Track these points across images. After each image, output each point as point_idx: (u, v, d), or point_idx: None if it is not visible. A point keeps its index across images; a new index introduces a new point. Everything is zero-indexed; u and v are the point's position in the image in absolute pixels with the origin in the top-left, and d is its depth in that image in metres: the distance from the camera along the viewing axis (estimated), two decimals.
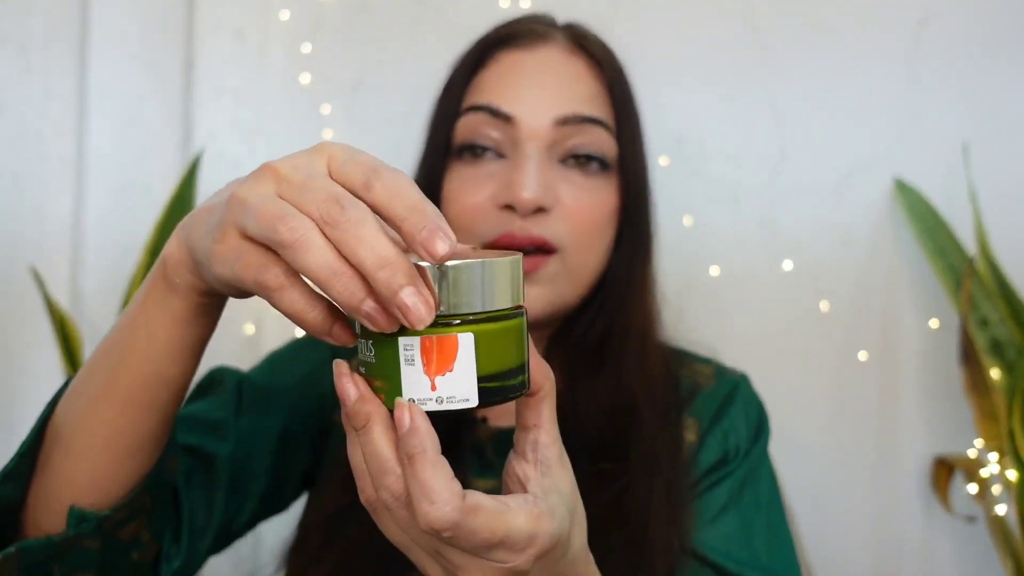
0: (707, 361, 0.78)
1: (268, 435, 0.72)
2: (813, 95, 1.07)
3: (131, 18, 1.11)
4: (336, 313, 0.41)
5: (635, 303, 0.73)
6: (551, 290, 0.68)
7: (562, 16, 0.76)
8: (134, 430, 0.51)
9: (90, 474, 0.52)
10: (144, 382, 0.50)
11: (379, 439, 0.41)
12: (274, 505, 0.75)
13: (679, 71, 1.08)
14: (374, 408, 0.41)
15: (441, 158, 0.72)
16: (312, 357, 0.79)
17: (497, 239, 0.67)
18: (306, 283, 0.40)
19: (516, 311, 0.43)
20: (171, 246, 0.46)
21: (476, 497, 0.41)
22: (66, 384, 0.55)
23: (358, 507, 0.67)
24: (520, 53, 0.71)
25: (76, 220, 1.11)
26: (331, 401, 0.76)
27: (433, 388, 0.41)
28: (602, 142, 0.69)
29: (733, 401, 0.73)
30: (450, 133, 0.71)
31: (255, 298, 0.42)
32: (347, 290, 0.37)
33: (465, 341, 0.40)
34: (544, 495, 0.44)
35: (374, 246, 0.37)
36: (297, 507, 0.79)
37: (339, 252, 0.37)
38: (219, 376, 0.73)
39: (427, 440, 0.40)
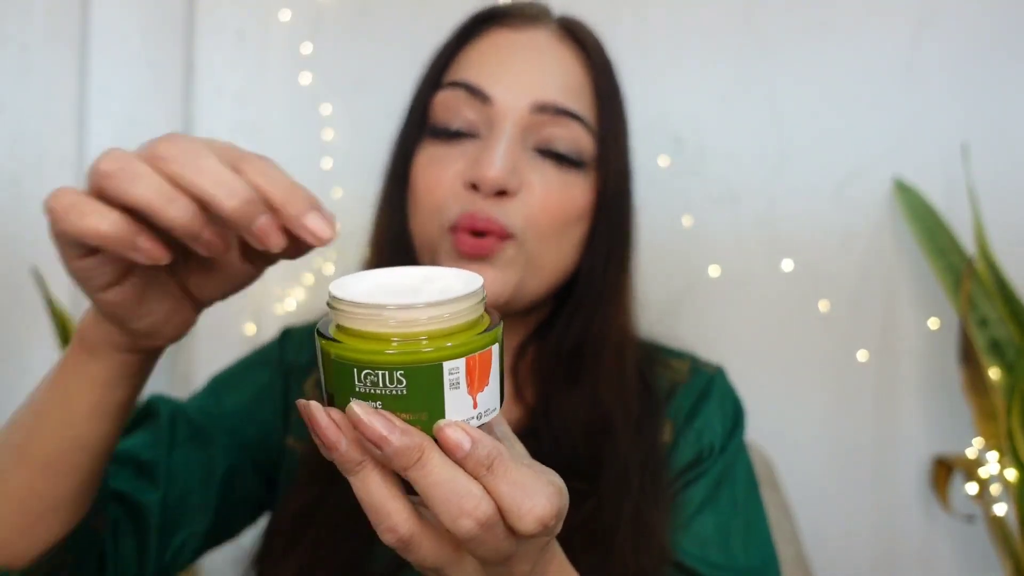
0: (682, 356, 0.75)
1: (209, 470, 0.67)
2: (813, 95, 1.07)
3: (131, 18, 1.11)
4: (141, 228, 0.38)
5: (611, 306, 0.70)
6: (510, 274, 0.65)
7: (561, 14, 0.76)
8: (52, 493, 0.49)
9: (3, 535, 0.49)
10: (61, 447, 0.48)
11: (444, 466, 0.37)
12: (223, 536, 0.72)
13: (679, 71, 1.08)
14: (423, 439, 0.37)
15: (415, 131, 0.70)
16: (255, 380, 0.75)
17: (458, 220, 0.63)
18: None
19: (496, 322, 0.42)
20: (85, 315, 0.46)
21: (551, 474, 0.39)
22: None
23: (322, 504, 0.65)
24: (509, 32, 0.69)
25: None
26: (280, 423, 0.73)
27: (475, 406, 0.38)
28: (577, 138, 0.66)
29: (708, 398, 0.71)
30: (427, 106, 0.69)
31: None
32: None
33: (496, 351, 0.39)
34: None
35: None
36: None
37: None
38: (153, 408, 0.67)
39: (497, 444, 0.38)
